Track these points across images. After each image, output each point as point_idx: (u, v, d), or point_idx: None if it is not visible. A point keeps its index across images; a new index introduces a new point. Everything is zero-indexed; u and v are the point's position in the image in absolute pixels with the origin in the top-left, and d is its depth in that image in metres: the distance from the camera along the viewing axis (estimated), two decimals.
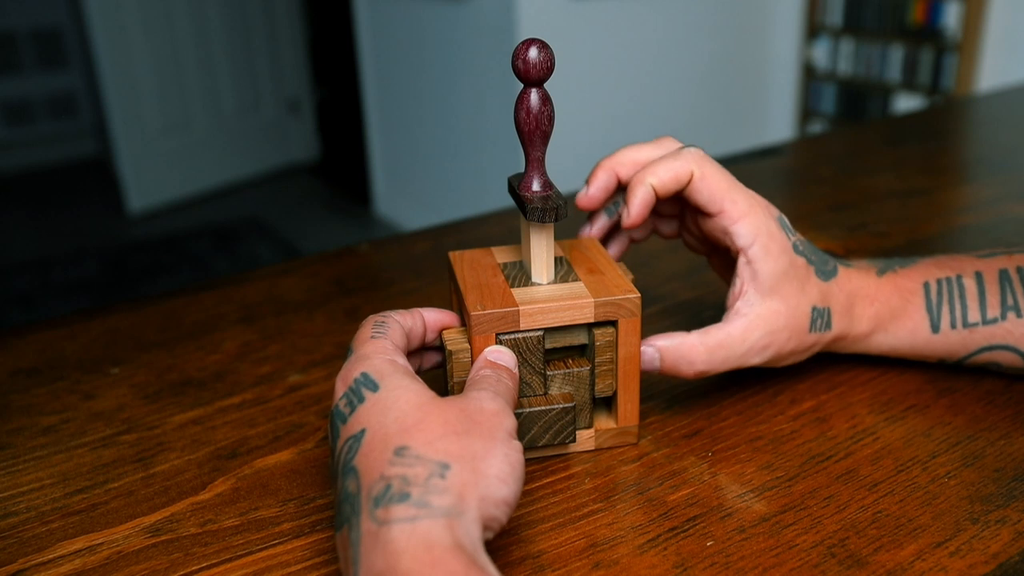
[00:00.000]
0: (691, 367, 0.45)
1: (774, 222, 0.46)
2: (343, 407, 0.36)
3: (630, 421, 0.45)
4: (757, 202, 0.46)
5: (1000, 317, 0.47)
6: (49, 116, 4.17)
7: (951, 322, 0.48)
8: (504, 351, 0.41)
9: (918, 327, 0.48)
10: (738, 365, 0.45)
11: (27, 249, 3.25)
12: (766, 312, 0.45)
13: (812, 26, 2.97)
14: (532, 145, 0.43)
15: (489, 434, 0.34)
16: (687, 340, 0.45)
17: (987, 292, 0.47)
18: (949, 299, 0.48)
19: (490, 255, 0.47)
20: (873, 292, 0.48)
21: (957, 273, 0.48)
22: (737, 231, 0.45)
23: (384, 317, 0.41)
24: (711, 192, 0.45)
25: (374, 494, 0.31)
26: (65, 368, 0.55)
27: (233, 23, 3.75)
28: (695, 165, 0.45)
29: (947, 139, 1.11)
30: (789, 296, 0.45)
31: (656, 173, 0.45)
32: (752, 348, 0.45)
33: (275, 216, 3.53)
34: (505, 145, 2.63)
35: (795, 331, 0.46)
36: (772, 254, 0.45)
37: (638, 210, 0.45)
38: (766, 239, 0.45)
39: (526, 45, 0.40)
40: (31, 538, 0.40)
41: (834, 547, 0.38)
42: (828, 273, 0.47)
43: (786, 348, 0.46)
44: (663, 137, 0.49)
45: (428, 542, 0.29)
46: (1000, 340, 0.47)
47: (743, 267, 0.45)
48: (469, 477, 0.32)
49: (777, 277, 0.45)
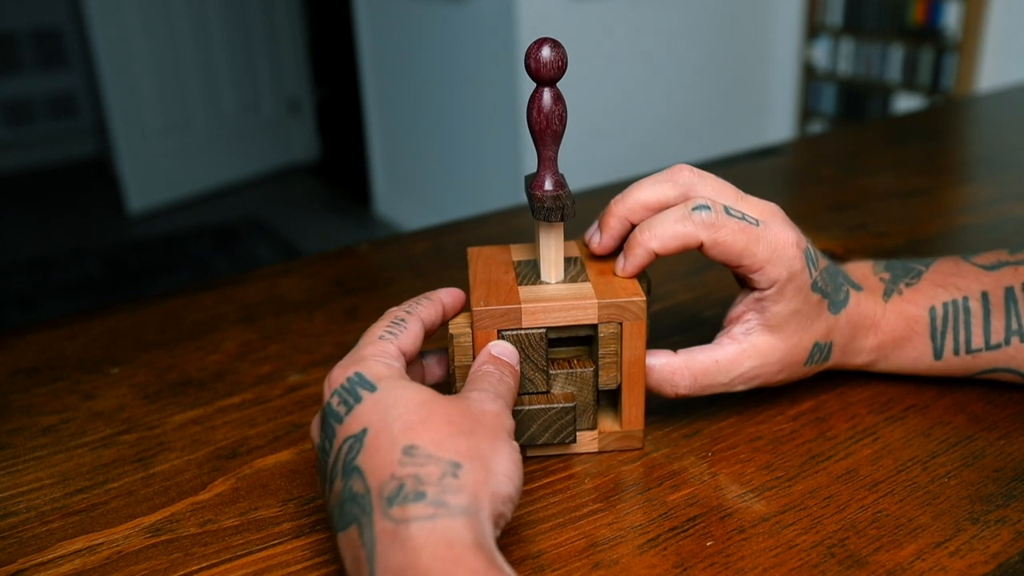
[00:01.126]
0: (673, 389, 0.44)
1: (799, 263, 0.43)
2: (336, 405, 0.35)
3: (635, 425, 0.45)
4: (779, 245, 0.42)
5: (1004, 343, 0.46)
6: (49, 116, 4.17)
7: (954, 349, 0.47)
8: (507, 346, 0.41)
9: (921, 356, 0.48)
10: (722, 391, 0.45)
11: (27, 249, 3.25)
12: (762, 345, 0.44)
13: (812, 26, 2.97)
14: (544, 144, 0.43)
15: (493, 433, 0.34)
16: (672, 362, 0.44)
17: (992, 316, 0.46)
18: (954, 326, 0.47)
19: (507, 252, 0.47)
20: (878, 322, 0.47)
21: (964, 294, 0.47)
22: (756, 279, 0.43)
23: (406, 314, 0.40)
24: (726, 255, 0.42)
25: (386, 494, 0.31)
26: (65, 368, 0.55)
27: (233, 23, 3.75)
28: (705, 234, 0.42)
29: (947, 139, 1.11)
30: (792, 334, 0.44)
31: (661, 238, 0.42)
32: (739, 377, 0.44)
33: (275, 216, 3.53)
34: (505, 145, 2.63)
35: (788, 364, 0.45)
36: (787, 297, 0.43)
37: (632, 271, 0.43)
38: (785, 283, 0.43)
39: (539, 44, 0.40)
40: (31, 538, 0.40)
41: (834, 547, 0.38)
42: (839, 304, 0.46)
43: (775, 379, 0.46)
44: (676, 167, 0.45)
45: (449, 539, 0.30)
46: (1003, 364, 0.47)
47: (752, 300, 0.44)
48: (480, 475, 0.32)
49: (785, 317, 0.44)
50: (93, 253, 3.19)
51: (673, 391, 0.44)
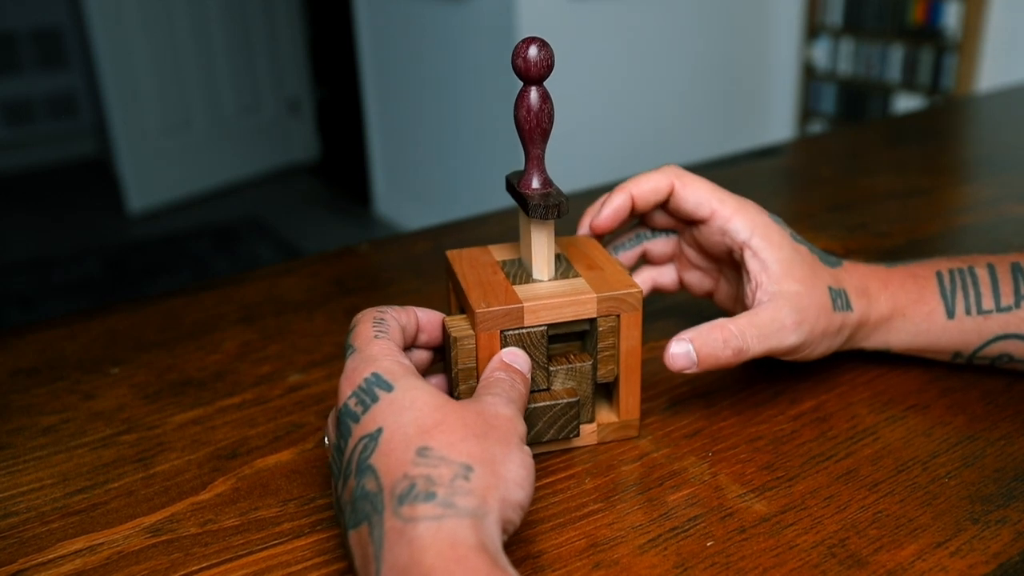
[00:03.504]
0: (726, 346, 0.43)
1: (767, 217, 0.47)
2: (354, 406, 0.35)
3: (631, 415, 0.45)
4: (746, 200, 0.47)
5: (1014, 305, 0.47)
6: (49, 116, 4.17)
7: (966, 307, 0.48)
8: (519, 353, 0.41)
9: (934, 311, 0.48)
10: (775, 346, 0.44)
11: (27, 249, 3.25)
12: (788, 292, 0.45)
13: (812, 26, 2.97)
14: (532, 143, 0.43)
15: (505, 439, 0.35)
16: (716, 323, 0.44)
17: (1000, 281, 0.47)
18: (963, 286, 0.48)
19: (488, 253, 0.47)
20: (885, 276, 0.49)
21: (969, 264, 0.49)
22: (734, 227, 0.46)
23: (382, 314, 0.41)
24: (696, 197, 0.47)
25: (398, 492, 0.31)
26: (65, 368, 0.55)
27: (233, 23, 3.75)
28: (674, 176, 0.47)
29: (947, 139, 1.11)
30: (804, 278, 0.45)
31: (636, 182, 0.47)
32: (785, 327, 0.44)
33: (275, 216, 3.53)
34: (505, 145, 2.63)
35: (822, 308, 0.45)
36: (774, 242, 0.46)
37: (610, 212, 0.47)
38: (764, 229, 0.46)
39: (526, 43, 0.40)
40: (31, 538, 0.40)
41: (834, 547, 0.38)
42: (833, 263, 0.48)
43: (818, 327, 0.45)
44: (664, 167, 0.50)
45: (453, 540, 0.30)
46: (1014, 328, 0.47)
47: (750, 260, 0.46)
48: (491, 480, 0.32)
49: (786, 263, 0.45)
50: (93, 253, 3.19)
51: (726, 349, 0.43)
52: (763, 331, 0.44)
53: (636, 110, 2.80)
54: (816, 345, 0.46)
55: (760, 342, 0.44)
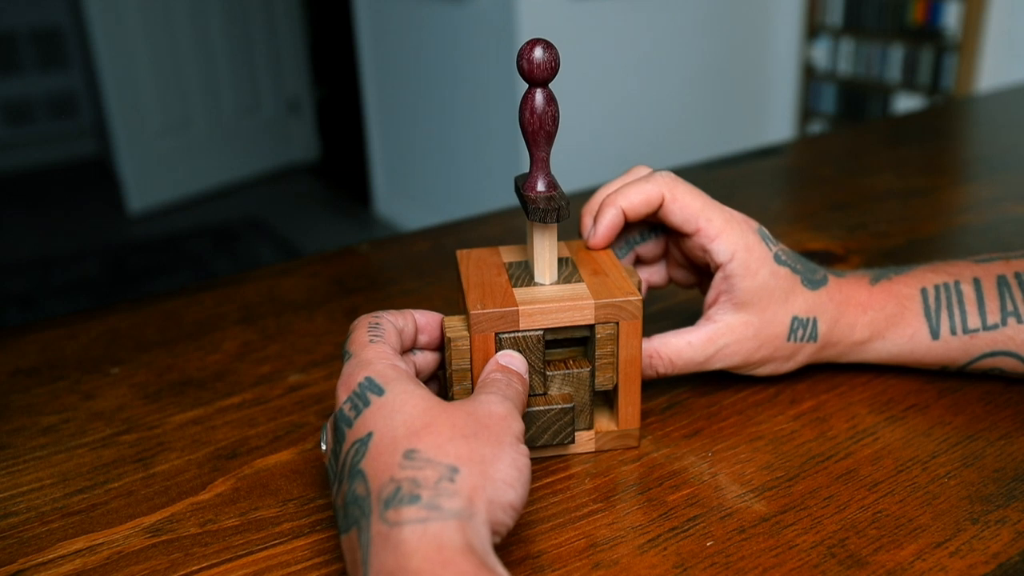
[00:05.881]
0: (653, 371, 0.47)
1: (753, 235, 0.46)
2: (348, 411, 0.36)
3: (631, 424, 0.45)
4: (734, 218, 0.46)
5: (1000, 323, 0.47)
6: (49, 116, 4.17)
7: (951, 328, 0.47)
8: (515, 355, 0.41)
9: (917, 333, 0.48)
10: (701, 369, 0.47)
11: (27, 249, 3.24)
12: (735, 322, 0.46)
13: (812, 26, 2.97)
14: (536, 145, 0.43)
15: (497, 439, 0.34)
16: (648, 347, 0.46)
17: (986, 298, 0.47)
18: (948, 305, 0.47)
19: (497, 254, 0.47)
20: (866, 300, 0.48)
21: (955, 279, 0.48)
22: (715, 248, 0.46)
23: (377, 319, 0.41)
24: (684, 213, 0.46)
25: (384, 496, 0.31)
26: (65, 368, 0.55)
27: (233, 23, 3.75)
28: (666, 188, 0.46)
29: (947, 139, 1.11)
30: (764, 308, 0.46)
31: (627, 196, 0.46)
32: (716, 356, 0.47)
33: (275, 216, 3.53)
34: (505, 145, 2.63)
35: (766, 340, 0.47)
36: (751, 270, 0.45)
37: (604, 231, 0.47)
38: (744, 254, 0.45)
39: (531, 45, 0.40)
40: (31, 538, 0.40)
41: (834, 547, 0.38)
42: (816, 283, 0.47)
43: (757, 356, 0.47)
44: (635, 167, 0.50)
45: (439, 543, 0.30)
46: (1002, 346, 0.47)
47: (719, 280, 0.46)
48: (478, 480, 0.32)
49: (753, 292, 0.46)
50: (93, 253, 3.19)
51: (653, 372, 0.47)
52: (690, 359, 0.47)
53: (636, 110, 2.80)
54: (754, 368, 0.48)
55: (685, 369, 0.47)
